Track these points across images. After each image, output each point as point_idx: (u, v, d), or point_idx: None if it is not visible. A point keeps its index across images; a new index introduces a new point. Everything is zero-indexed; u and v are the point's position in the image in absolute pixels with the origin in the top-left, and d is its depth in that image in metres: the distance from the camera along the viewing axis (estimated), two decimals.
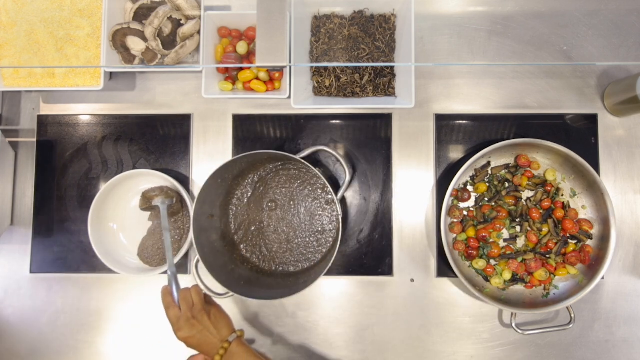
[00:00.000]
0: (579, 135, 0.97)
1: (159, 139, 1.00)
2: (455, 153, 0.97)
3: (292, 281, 0.92)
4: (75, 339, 0.97)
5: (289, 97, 0.94)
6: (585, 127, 0.97)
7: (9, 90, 0.99)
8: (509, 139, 0.90)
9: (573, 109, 0.98)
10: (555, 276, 0.91)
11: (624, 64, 0.98)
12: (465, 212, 0.94)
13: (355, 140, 0.98)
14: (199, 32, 0.94)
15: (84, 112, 1.01)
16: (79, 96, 1.02)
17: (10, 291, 0.98)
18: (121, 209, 0.98)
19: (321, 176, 0.89)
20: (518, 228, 0.94)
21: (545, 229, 0.92)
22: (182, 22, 0.93)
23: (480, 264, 0.91)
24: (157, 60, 0.96)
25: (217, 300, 0.95)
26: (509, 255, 0.91)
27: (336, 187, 0.97)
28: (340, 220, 0.87)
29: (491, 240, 0.92)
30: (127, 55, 0.96)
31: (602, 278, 0.94)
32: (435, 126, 0.98)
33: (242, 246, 0.97)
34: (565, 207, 0.93)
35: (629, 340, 0.93)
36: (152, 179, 0.98)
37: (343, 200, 0.97)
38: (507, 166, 0.94)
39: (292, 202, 0.96)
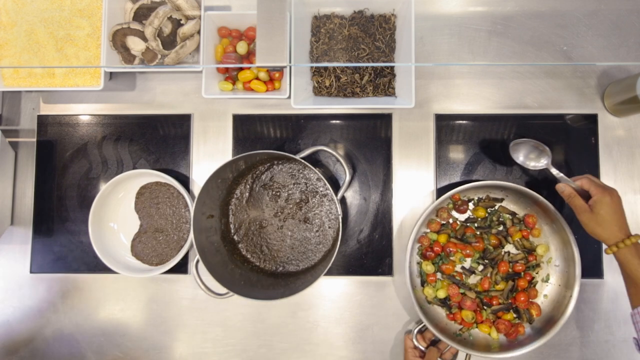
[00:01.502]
0: (579, 135, 0.97)
1: (159, 139, 1.00)
2: (455, 153, 0.97)
3: (292, 281, 0.92)
4: (75, 339, 0.97)
5: (289, 97, 0.94)
6: (585, 127, 0.97)
7: (9, 90, 0.99)
8: (527, 189, 0.87)
9: (573, 109, 0.98)
10: (477, 326, 0.90)
11: (624, 64, 0.98)
12: (451, 220, 0.94)
13: (355, 140, 0.98)
14: (199, 32, 0.94)
15: (84, 112, 1.01)
16: (79, 96, 1.02)
17: (10, 291, 0.98)
18: (121, 209, 0.98)
19: (321, 176, 0.89)
20: (481, 267, 0.92)
21: (501, 285, 0.91)
22: (182, 22, 0.93)
23: (428, 267, 0.91)
24: (157, 60, 0.96)
25: (217, 300, 0.96)
26: (456, 280, 0.91)
27: (336, 187, 0.97)
28: (340, 220, 0.87)
29: (452, 258, 0.92)
30: (127, 55, 0.96)
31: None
32: (435, 126, 0.98)
33: (242, 246, 0.97)
34: (531, 283, 0.91)
35: (629, 340, 0.93)
36: (152, 179, 0.98)
37: (343, 200, 0.97)
38: (513, 214, 0.93)
39: (292, 202, 0.96)
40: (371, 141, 0.98)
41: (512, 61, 0.99)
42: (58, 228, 0.99)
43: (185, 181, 0.98)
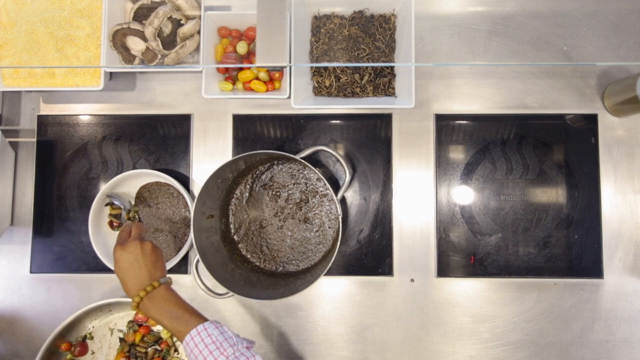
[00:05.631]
0: (579, 135, 0.97)
1: (159, 139, 1.00)
2: (455, 153, 0.97)
3: (292, 281, 0.92)
4: None
5: (289, 97, 0.94)
6: (585, 127, 0.97)
7: (9, 90, 0.99)
8: None
9: (573, 109, 0.98)
10: None
11: (624, 64, 0.98)
12: None
13: (355, 140, 0.98)
14: (199, 32, 0.94)
15: (84, 112, 1.01)
16: (79, 96, 1.02)
17: (10, 291, 0.98)
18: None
19: (321, 176, 0.89)
20: None
21: None
22: (182, 22, 0.93)
23: None
24: (157, 60, 0.96)
25: (217, 300, 0.96)
26: None
27: (336, 187, 0.97)
28: (340, 220, 0.87)
29: None
30: (127, 55, 0.96)
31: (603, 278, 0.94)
32: (435, 126, 0.98)
33: (242, 246, 0.97)
34: None
35: (629, 340, 0.93)
36: (152, 178, 0.98)
37: (343, 200, 0.97)
38: (131, 322, 0.93)
39: (292, 202, 0.96)
40: (371, 141, 0.98)
41: (512, 61, 0.99)
42: (58, 228, 0.98)
43: (185, 181, 0.98)
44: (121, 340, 0.94)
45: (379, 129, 0.98)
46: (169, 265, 0.93)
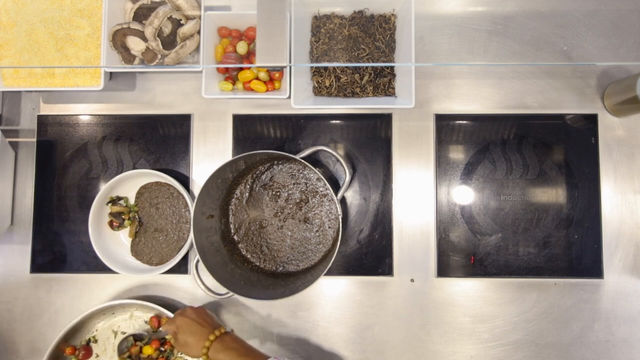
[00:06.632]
0: (579, 135, 0.97)
1: (159, 139, 1.00)
2: (455, 153, 0.97)
3: (292, 281, 0.92)
4: None
5: (289, 97, 0.94)
6: (585, 127, 0.97)
7: (9, 90, 0.99)
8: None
9: (573, 109, 0.98)
10: None
11: (624, 64, 0.98)
12: None
13: (355, 140, 0.98)
14: (199, 32, 0.95)
15: (84, 112, 1.01)
16: (79, 96, 1.02)
17: (10, 291, 0.98)
18: None
19: (321, 176, 0.89)
20: None
21: None
22: (182, 22, 0.93)
23: None
24: (157, 60, 0.96)
25: (217, 300, 0.96)
26: None
27: (336, 187, 0.97)
28: (340, 220, 0.87)
29: None
30: (127, 55, 0.96)
31: (602, 278, 0.94)
32: (435, 126, 0.98)
33: (242, 246, 0.97)
34: None
35: (629, 340, 0.93)
36: (152, 179, 0.98)
37: (343, 200, 0.97)
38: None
39: (291, 202, 0.96)
40: (371, 141, 0.98)
41: (512, 61, 0.99)
42: (58, 228, 0.98)
43: (185, 181, 0.98)
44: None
45: (379, 129, 0.98)
46: (169, 265, 0.93)
